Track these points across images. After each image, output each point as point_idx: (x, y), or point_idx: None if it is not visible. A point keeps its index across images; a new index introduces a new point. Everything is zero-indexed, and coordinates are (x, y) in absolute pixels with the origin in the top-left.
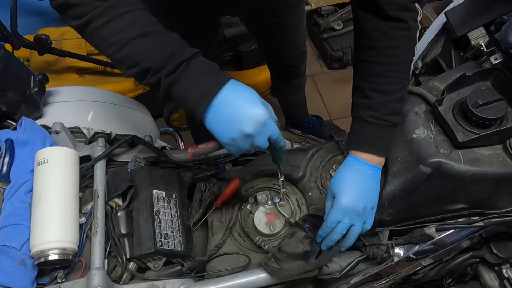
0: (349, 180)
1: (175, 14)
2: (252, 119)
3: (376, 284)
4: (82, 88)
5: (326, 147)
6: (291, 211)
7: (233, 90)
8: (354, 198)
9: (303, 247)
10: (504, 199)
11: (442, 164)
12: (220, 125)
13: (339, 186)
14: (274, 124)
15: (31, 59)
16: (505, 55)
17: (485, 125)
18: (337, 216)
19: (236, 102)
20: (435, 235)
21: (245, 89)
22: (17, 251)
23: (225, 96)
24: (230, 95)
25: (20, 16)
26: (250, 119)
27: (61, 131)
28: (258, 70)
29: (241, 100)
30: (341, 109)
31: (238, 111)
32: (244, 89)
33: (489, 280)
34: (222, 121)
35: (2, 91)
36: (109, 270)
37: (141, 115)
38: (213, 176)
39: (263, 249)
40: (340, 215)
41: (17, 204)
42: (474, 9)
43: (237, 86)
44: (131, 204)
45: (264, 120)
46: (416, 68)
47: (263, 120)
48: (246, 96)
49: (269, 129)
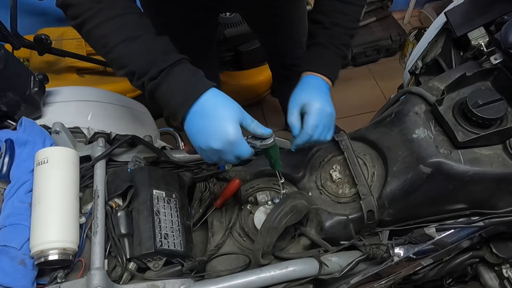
0: (316, 90)
1: (174, 10)
2: (219, 136)
3: (376, 284)
4: (82, 88)
5: (326, 147)
6: None
7: (210, 101)
8: (325, 104)
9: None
10: (504, 199)
11: (442, 164)
12: (193, 133)
13: (308, 95)
14: (245, 145)
15: (31, 59)
16: (505, 55)
17: (485, 125)
18: (315, 121)
19: (209, 115)
20: (435, 235)
21: (222, 102)
22: (17, 251)
23: (201, 106)
24: (206, 106)
25: (20, 16)
26: (218, 136)
27: (61, 131)
28: (258, 70)
29: (214, 114)
30: (341, 109)
31: (209, 125)
32: (222, 102)
33: (489, 280)
34: (195, 130)
35: (2, 91)
36: (109, 270)
37: (141, 115)
38: (213, 176)
39: None
40: (317, 120)
41: (17, 204)
42: (474, 9)
43: (215, 98)
44: (131, 204)
45: (233, 140)
46: (416, 68)
47: (231, 139)
48: (220, 111)
49: (238, 149)
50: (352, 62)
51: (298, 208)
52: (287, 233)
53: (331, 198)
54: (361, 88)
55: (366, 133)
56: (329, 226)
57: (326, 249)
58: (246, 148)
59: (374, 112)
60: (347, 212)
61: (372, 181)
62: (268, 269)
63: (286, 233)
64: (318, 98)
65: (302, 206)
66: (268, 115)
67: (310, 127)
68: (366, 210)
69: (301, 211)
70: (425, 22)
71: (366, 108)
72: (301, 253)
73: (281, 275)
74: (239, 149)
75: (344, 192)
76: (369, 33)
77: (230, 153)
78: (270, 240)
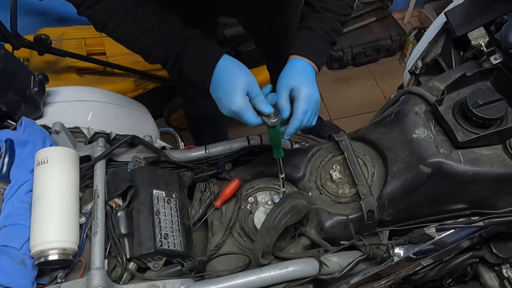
0: (304, 75)
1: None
2: (228, 106)
3: (376, 284)
4: (82, 88)
5: (326, 147)
6: None
7: (222, 72)
8: (312, 89)
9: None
10: (504, 199)
11: (442, 164)
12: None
13: (296, 80)
14: (249, 115)
15: (31, 59)
16: (505, 55)
17: (485, 125)
18: (305, 106)
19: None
20: (435, 235)
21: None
22: (17, 251)
23: (215, 79)
24: (219, 77)
25: (20, 16)
26: (227, 105)
27: (61, 131)
28: (258, 70)
29: (224, 85)
30: (341, 109)
31: (222, 95)
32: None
33: (489, 280)
34: (217, 99)
35: (2, 91)
36: (109, 270)
37: (141, 115)
38: (213, 176)
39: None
40: (306, 105)
41: (17, 204)
42: (474, 9)
43: (226, 68)
44: (131, 204)
45: (237, 111)
46: (416, 68)
47: (235, 110)
48: (229, 82)
49: (243, 118)
50: (352, 62)
51: (297, 208)
52: (287, 233)
53: (331, 198)
54: (361, 88)
55: (366, 133)
56: (329, 226)
57: (326, 249)
58: (250, 118)
59: (374, 112)
60: (347, 212)
61: (372, 181)
62: (268, 269)
63: (286, 233)
64: (306, 83)
65: (302, 206)
66: None
67: (300, 113)
68: (366, 210)
69: (301, 210)
70: (425, 22)
71: (366, 108)
72: (301, 253)
73: (281, 275)
74: (244, 117)
75: (344, 192)
76: (369, 33)
77: (241, 118)
78: (270, 240)
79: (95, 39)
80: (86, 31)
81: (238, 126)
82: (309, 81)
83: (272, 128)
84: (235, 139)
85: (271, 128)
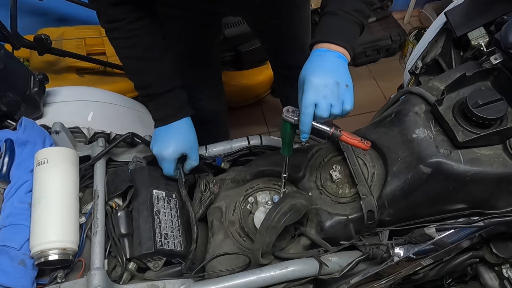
0: (317, 62)
1: (178, 15)
2: (160, 151)
3: (376, 284)
4: (82, 88)
5: (326, 147)
6: None
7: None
8: (324, 75)
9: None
10: (504, 199)
11: (442, 164)
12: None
13: (307, 70)
14: (168, 166)
15: (31, 59)
16: (505, 55)
17: (485, 125)
18: (311, 96)
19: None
20: (435, 235)
21: (163, 139)
22: (17, 251)
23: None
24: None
25: (20, 16)
26: (160, 150)
27: (61, 131)
28: (258, 70)
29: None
30: None
31: (158, 148)
32: (163, 138)
33: (489, 280)
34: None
35: (2, 91)
36: (109, 270)
37: (141, 115)
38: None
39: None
40: (313, 95)
41: (17, 204)
42: (474, 9)
43: (163, 133)
44: (131, 204)
45: (162, 158)
46: (416, 68)
47: (161, 158)
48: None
49: (162, 166)
50: (352, 62)
51: (297, 207)
52: (287, 233)
53: (331, 198)
54: (361, 88)
55: (366, 133)
56: (329, 226)
57: (326, 249)
58: (167, 168)
59: (374, 112)
60: (347, 212)
61: (372, 181)
62: (268, 269)
63: (286, 233)
64: (315, 71)
65: (301, 205)
66: (268, 115)
67: (303, 106)
68: (366, 210)
69: (300, 210)
70: (425, 22)
71: (366, 108)
72: (301, 253)
73: (281, 275)
74: (162, 165)
75: (344, 192)
76: (369, 33)
77: (160, 164)
78: (270, 239)
79: (95, 39)
80: (86, 31)
81: (239, 126)
82: (318, 65)
83: (284, 122)
84: (235, 139)
85: (283, 122)
